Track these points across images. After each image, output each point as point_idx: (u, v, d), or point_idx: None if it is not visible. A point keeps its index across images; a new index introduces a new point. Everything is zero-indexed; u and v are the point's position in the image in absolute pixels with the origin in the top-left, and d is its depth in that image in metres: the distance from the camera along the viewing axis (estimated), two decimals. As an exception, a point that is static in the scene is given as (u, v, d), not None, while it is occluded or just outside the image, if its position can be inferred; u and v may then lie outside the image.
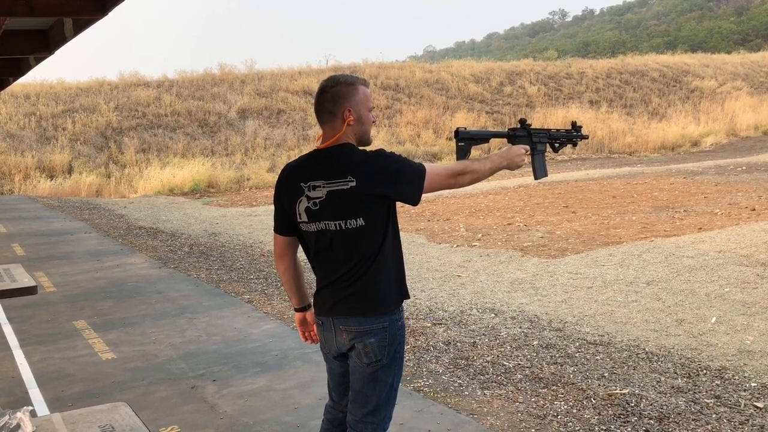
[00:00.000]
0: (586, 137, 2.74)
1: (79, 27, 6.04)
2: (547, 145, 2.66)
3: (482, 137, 2.55)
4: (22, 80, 12.40)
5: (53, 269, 8.39)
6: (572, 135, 2.69)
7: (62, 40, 6.52)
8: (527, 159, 2.57)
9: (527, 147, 2.53)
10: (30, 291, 4.46)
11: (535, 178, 2.64)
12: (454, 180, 2.36)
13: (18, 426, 2.03)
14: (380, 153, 2.27)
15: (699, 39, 63.93)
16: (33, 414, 2.20)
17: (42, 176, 20.22)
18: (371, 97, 2.38)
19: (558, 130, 2.67)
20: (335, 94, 2.28)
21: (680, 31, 71.25)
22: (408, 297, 2.42)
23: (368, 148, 2.35)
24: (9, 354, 5.13)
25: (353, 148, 2.30)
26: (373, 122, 2.38)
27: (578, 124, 2.71)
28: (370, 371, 2.35)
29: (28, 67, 9.16)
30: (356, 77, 2.35)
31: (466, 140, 2.50)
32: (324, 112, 2.31)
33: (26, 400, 4.17)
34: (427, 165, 2.31)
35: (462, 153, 2.50)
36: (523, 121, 2.59)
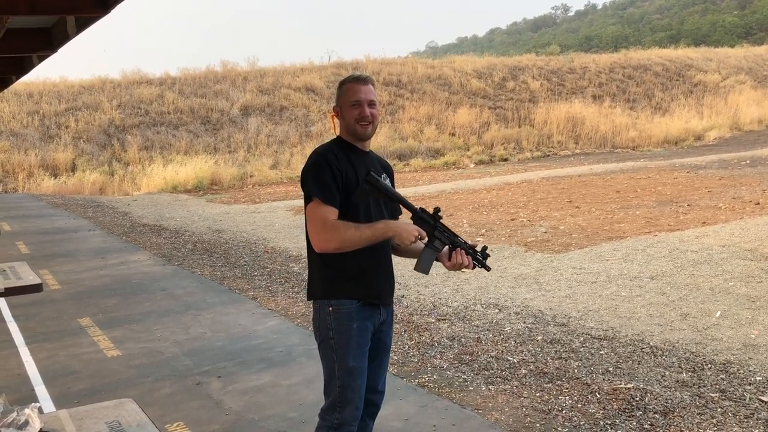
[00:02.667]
0: (488, 269, 2.52)
1: (82, 25, 6.03)
2: (446, 247, 2.46)
3: (387, 195, 2.39)
4: (25, 78, 12.41)
5: (58, 267, 8.41)
6: (476, 255, 2.48)
7: (65, 38, 6.51)
8: (418, 243, 2.43)
9: (425, 234, 2.39)
10: (35, 289, 4.48)
11: (414, 268, 2.45)
12: (323, 235, 2.30)
13: (26, 422, 2.05)
14: (312, 156, 2.41)
15: (702, 33, 63.70)
16: (40, 411, 2.21)
17: (45, 174, 20.25)
18: (363, 93, 2.45)
19: (465, 242, 2.48)
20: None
21: (683, 25, 71.06)
22: (336, 298, 2.41)
23: (368, 144, 2.52)
24: (15, 351, 5.15)
25: (331, 142, 2.49)
26: (365, 117, 2.44)
27: (488, 253, 2.50)
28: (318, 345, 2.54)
29: (31, 66, 9.15)
30: (351, 76, 2.51)
31: (371, 185, 2.35)
32: None
33: (32, 398, 4.18)
34: (318, 202, 2.32)
35: (362, 195, 2.37)
36: (436, 211, 2.45)
